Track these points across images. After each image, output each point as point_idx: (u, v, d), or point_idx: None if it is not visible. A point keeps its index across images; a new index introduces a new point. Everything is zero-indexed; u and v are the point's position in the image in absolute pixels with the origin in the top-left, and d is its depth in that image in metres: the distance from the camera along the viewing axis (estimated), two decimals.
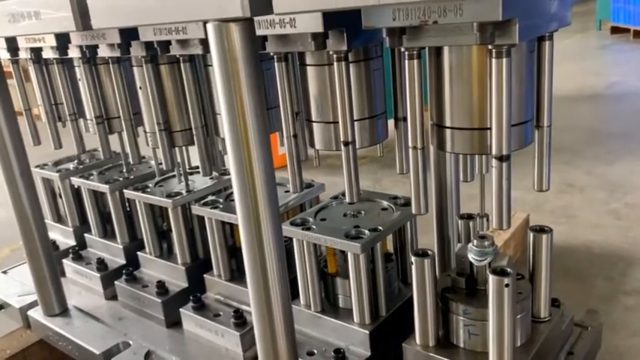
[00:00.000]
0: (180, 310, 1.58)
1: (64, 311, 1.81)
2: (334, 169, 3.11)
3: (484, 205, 1.22)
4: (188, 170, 1.81)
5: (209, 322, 1.50)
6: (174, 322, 1.66)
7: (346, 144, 1.17)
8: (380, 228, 1.29)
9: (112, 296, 1.87)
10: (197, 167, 1.94)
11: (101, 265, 1.89)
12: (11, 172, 1.66)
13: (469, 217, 1.31)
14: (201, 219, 1.69)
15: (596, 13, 8.99)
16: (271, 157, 1.00)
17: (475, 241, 1.18)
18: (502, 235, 2.22)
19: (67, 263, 1.98)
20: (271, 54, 1.21)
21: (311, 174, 1.80)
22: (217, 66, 0.93)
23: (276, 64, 1.22)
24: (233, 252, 1.62)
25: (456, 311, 1.18)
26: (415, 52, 0.99)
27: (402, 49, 1.00)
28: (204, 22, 0.93)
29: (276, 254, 1.03)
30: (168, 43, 1.36)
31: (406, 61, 1.00)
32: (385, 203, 1.44)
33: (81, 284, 1.95)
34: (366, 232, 1.28)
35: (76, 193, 2.14)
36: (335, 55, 1.10)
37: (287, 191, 1.64)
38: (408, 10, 0.89)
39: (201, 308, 1.56)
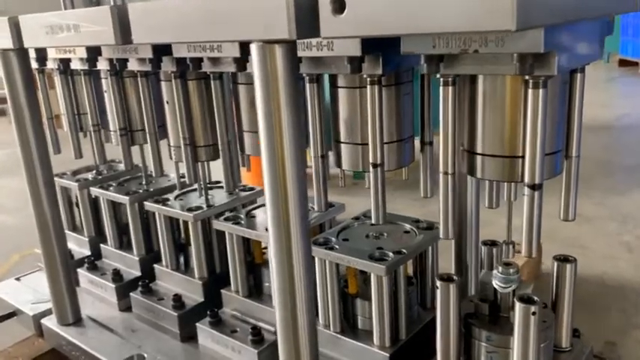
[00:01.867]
0: (197, 324, 1.58)
1: (78, 321, 1.81)
2: (348, 187, 3.12)
3: (510, 231, 1.23)
4: (208, 185, 1.83)
5: (226, 338, 1.50)
6: (188, 337, 1.66)
7: (375, 166, 1.18)
8: (404, 250, 1.30)
9: (126, 307, 1.87)
10: (216, 182, 1.98)
11: (116, 276, 1.89)
12: (35, 180, 1.67)
13: (492, 243, 1.32)
14: (220, 234, 1.70)
15: (605, 46, 9.06)
16: (305, 177, 1.01)
17: (500, 268, 1.18)
18: (517, 262, 2.22)
19: (82, 273, 1.99)
20: (304, 75, 1.23)
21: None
22: (258, 85, 0.95)
23: (307, 85, 1.24)
24: (251, 268, 1.62)
25: (479, 337, 1.18)
26: (450, 79, 1.01)
27: (438, 76, 1.01)
28: (248, 43, 0.95)
29: (305, 269, 1.03)
30: (200, 60, 1.39)
31: (441, 88, 1.02)
32: (407, 226, 1.45)
33: (95, 294, 1.95)
34: (390, 254, 1.28)
35: (94, 203, 2.16)
36: (369, 79, 1.12)
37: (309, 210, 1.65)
38: (449, 39, 0.91)
39: (218, 324, 1.55)
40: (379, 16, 0.78)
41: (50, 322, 1.82)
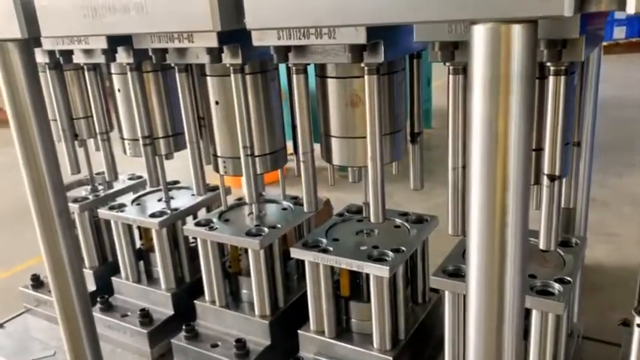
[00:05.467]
0: None
1: None
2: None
3: None
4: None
5: None
6: None
7: (552, 178, 0.94)
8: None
9: (159, 356, 1.53)
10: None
11: (145, 317, 1.54)
12: (46, 209, 1.29)
13: None
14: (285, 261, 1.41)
15: None
16: (529, 199, 0.74)
17: None
18: None
19: (95, 315, 1.61)
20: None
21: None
22: (479, 80, 0.67)
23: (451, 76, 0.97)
24: (339, 303, 1.33)
25: None
26: None
27: None
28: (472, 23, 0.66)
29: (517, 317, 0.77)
30: (288, 49, 1.08)
31: None
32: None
33: (114, 341, 1.59)
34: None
35: (95, 226, 1.78)
36: (554, 68, 0.87)
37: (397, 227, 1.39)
38: None
39: None
40: None
41: None
